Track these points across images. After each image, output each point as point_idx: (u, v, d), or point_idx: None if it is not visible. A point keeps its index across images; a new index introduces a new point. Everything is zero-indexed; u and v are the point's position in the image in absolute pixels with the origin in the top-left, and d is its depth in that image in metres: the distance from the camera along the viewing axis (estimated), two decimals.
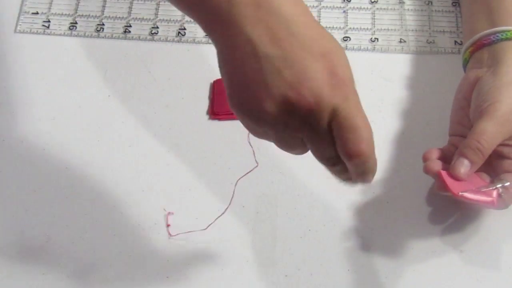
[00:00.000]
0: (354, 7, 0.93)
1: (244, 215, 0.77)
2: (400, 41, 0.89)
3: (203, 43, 0.90)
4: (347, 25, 0.91)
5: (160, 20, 0.92)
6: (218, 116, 0.84)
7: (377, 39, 0.90)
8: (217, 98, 0.84)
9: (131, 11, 0.93)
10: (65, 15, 0.92)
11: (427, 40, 0.89)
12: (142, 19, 0.92)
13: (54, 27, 0.92)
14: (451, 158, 0.74)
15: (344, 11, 0.93)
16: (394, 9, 0.92)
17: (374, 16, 0.92)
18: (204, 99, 0.85)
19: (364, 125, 0.58)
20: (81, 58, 0.88)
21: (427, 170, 0.74)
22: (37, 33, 0.91)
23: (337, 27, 0.91)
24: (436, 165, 0.73)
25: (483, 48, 0.77)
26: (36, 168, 0.81)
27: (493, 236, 0.76)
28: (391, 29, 0.90)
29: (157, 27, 0.91)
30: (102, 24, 0.92)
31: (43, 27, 0.92)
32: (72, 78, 0.87)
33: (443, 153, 0.75)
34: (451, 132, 0.78)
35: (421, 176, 0.76)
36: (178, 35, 0.91)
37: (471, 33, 0.79)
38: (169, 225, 0.77)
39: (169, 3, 0.65)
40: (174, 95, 0.85)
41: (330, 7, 0.93)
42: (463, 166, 0.72)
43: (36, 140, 0.83)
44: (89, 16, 0.92)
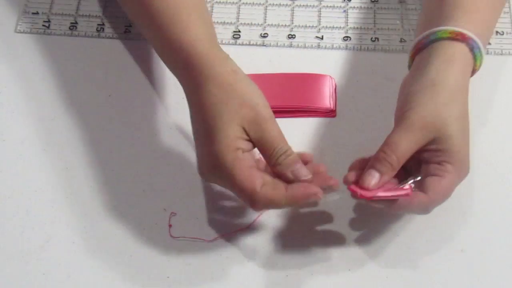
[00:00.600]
0: (354, 7, 0.93)
1: (245, 214, 0.77)
2: (401, 41, 0.89)
3: None
4: (347, 25, 0.91)
5: None
6: None
7: (378, 38, 0.90)
8: None
9: None
10: (65, 15, 0.93)
11: None
12: None
13: (54, 27, 0.92)
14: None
15: (345, 11, 0.92)
16: (395, 8, 0.92)
17: (375, 16, 0.92)
18: None
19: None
20: (81, 58, 0.89)
21: (343, 181, 0.73)
22: (37, 33, 0.91)
23: (337, 27, 0.91)
24: (349, 177, 0.73)
25: (419, 52, 0.76)
26: (36, 168, 0.81)
27: (493, 236, 0.76)
28: (392, 29, 0.90)
29: None
30: (102, 24, 0.92)
31: (43, 27, 0.92)
32: (72, 78, 0.87)
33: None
34: None
35: None
36: None
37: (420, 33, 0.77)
38: (171, 225, 0.77)
39: None
40: (175, 95, 0.85)
41: (331, 6, 0.93)
42: (373, 178, 0.71)
43: (36, 140, 0.83)
44: (89, 16, 0.92)
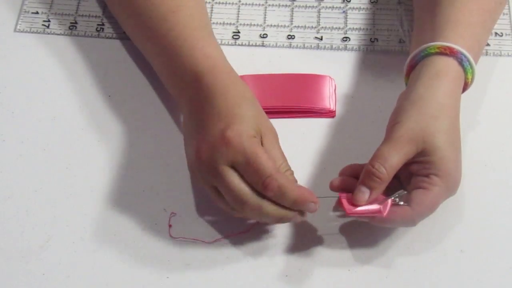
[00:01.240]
0: (354, 8, 0.93)
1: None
2: (400, 41, 0.89)
3: None
4: (346, 26, 0.91)
5: None
6: None
7: (377, 39, 0.90)
8: None
9: None
10: (65, 14, 0.92)
11: None
12: None
13: (54, 26, 0.92)
14: None
15: (344, 12, 0.93)
16: (394, 9, 0.92)
17: (374, 17, 0.92)
18: None
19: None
20: (81, 58, 0.88)
21: (330, 187, 0.75)
22: (37, 33, 0.91)
23: (336, 28, 0.91)
24: (334, 182, 0.74)
25: (413, 70, 0.77)
26: (36, 168, 0.81)
27: (493, 236, 0.76)
28: (391, 30, 0.90)
29: None
30: (102, 24, 0.92)
31: (43, 27, 0.92)
32: (72, 78, 0.87)
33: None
34: None
35: None
36: None
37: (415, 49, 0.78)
38: (170, 225, 0.77)
39: None
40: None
41: (330, 7, 0.93)
42: (364, 195, 0.72)
43: (36, 140, 0.83)
44: (89, 16, 0.92)
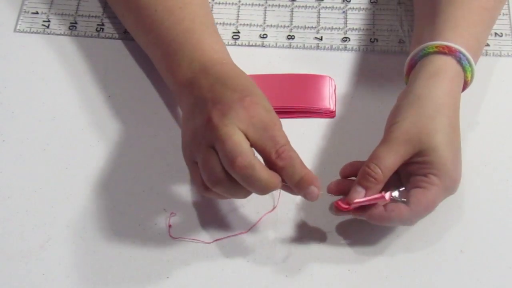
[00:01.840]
0: (353, 8, 0.93)
1: (244, 215, 0.77)
2: (400, 42, 0.89)
3: None
4: (346, 26, 0.91)
5: None
6: None
7: (377, 39, 0.90)
8: None
9: None
10: (65, 15, 0.92)
11: None
12: None
13: (54, 27, 0.92)
14: None
15: (344, 12, 0.93)
16: (394, 9, 0.92)
17: (374, 17, 0.92)
18: None
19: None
20: (81, 58, 0.89)
21: (327, 190, 0.75)
22: (37, 33, 0.91)
23: (336, 28, 0.91)
24: (331, 185, 0.75)
25: (412, 70, 0.77)
26: (36, 168, 0.81)
27: (492, 236, 0.76)
28: (391, 30, 0.91)
29: None
30: (102, 24, 0.92)
31: (43, 27, 0.92)
32: (72, 78, 0.87)
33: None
34: None
35: None
36: None
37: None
38: (170, 225, 0.77)
39: None
40: (175, 97, 0.85)
41: (330, 7, 0.93)
42: (359, 194, 0.72)
43: (36, 140, 0.83)
44: (89, 16, 0.92)
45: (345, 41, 0.90)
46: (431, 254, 0.75)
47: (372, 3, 0.93)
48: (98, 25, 0.91)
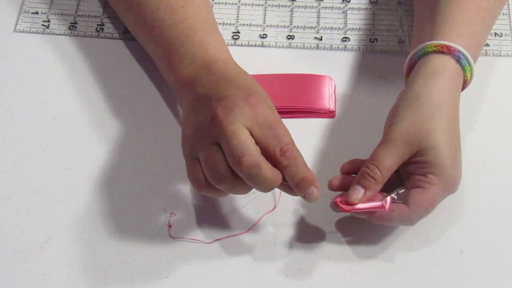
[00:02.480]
0: (353, 8, 0.93)
1: (244, 215, 0.77)
2: (400, 42, 0.89)
3: None
4: (346, 26, 0.91)
5: None
6: None
7: (377, 39, 0.90)
8: None
9: None
10: (65, 14, 0.92)
11: None
12: None
13: (54, 27, 0.92)
14: None
15: (344, 12, 0.93)
16: (394, 9, 0.92)
17: (374, 17, 0.92)
18: None
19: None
20: (81, 58, 0.89)
21: (328, 186, 0.75)
22: (37, 33, 0.91)
23: (336, 28, 0.91)
24: (333, 181, 0.75)
25: (412, 69, 0.77)
26: (36, 168, 0.81)
27: (492, 236, 0.76)
28: (391, 30, 0.91)
29: None
30: (102, 24, 0.92)
31: (43, 27, 0.92)
32: (72, 78, 0.87)
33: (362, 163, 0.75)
34: None
35: None
36: None
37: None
38: (170, 225, 0.77)
39: None
40: (175, 95, 0.85)
41: (330, 7, 0.93)
42: (358, 193, 0.72)
43: (36, 140, 0.83)
44: (89, 16, 0.92)
45: (345, 41, 0.90)
46: (431, 254, 0.75)
47: (372, 3, 0.93)
48: (98, 25, 0.91)
